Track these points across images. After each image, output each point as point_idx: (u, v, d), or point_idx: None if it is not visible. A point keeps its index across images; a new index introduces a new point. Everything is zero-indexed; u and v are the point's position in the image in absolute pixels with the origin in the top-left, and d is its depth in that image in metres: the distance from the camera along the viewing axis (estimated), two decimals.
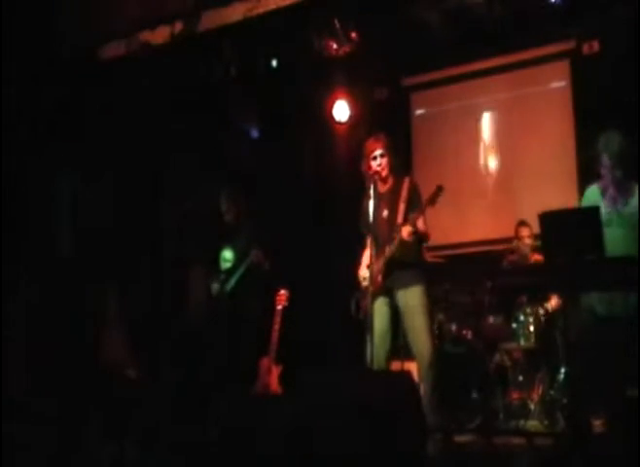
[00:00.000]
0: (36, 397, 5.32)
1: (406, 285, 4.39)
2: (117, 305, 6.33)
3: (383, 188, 4.58)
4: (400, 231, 4.27)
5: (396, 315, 4.45)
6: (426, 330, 4.35)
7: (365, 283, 4.49)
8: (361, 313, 4.50)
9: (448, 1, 6.10)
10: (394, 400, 3.32)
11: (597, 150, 4.12)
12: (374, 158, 4.50)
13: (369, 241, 4.46)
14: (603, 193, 4.17)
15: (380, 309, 4.41)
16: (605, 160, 4.08)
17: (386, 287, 4.42)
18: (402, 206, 4.40)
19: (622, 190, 4.10)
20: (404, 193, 4.44)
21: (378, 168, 4.48)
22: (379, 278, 4.38)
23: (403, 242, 4.28)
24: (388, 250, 4.37)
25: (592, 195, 4.23)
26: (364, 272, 4.55)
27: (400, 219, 4.38)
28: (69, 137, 6.09)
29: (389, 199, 4.52)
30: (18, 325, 5.65)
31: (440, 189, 4.24)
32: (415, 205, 4.40)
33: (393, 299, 4.44)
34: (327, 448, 3.25)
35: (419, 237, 4.39)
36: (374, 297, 4.35)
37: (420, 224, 4.35)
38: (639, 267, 3.46)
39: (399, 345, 4.56)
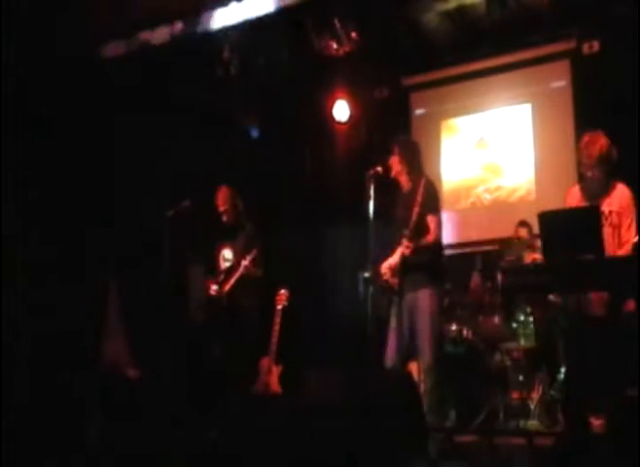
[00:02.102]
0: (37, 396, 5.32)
1: (415, 287, 4.43)
2: (117, 304, 6.33)
3: (404, 188, 4.68)
4: (402, 244, 4.34)
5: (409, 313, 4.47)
6: (430, 333, 4.39)
7: (385, 277, 4.53)
8: (376, 288, 4.50)
9: (448, 1, 6.10)
10: (394, 400, 3.32)
11: (579, 150, 4.14)
12: (390, 156, 4.63)
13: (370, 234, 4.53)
14: (584, 192, 4.19)
15: (396, 307, 4.46)
16: (584, 159, 4.10)
17: (401, 286, 4.46)
18: (415, 209, 4.46)
19: (602, 189, 4.11)
20: (419, 195, 4.49)
21: (389, 168, 4.59)
22: (393, 278, 4.42)
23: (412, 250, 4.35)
24: (395, 255, 4.43)
25: (573, 196, 4.25)
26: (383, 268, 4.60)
27: (412, 223, 4.44)
28: (61, 136, 6.09)
29: (406, 200, 4.59)
30: (18, 325, 5.65)
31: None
32: (430, 207, 4.49)
33: (404, 299, 4.47)
34: (327, 447, 3.26)
35: (429, 245, 4.45)
36: (391, 295, 4.41)
37: (433, 225, 4.45)
38: (639, 267, 3.46)
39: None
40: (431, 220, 4.48)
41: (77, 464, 4.27)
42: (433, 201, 4.53)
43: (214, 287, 5.60)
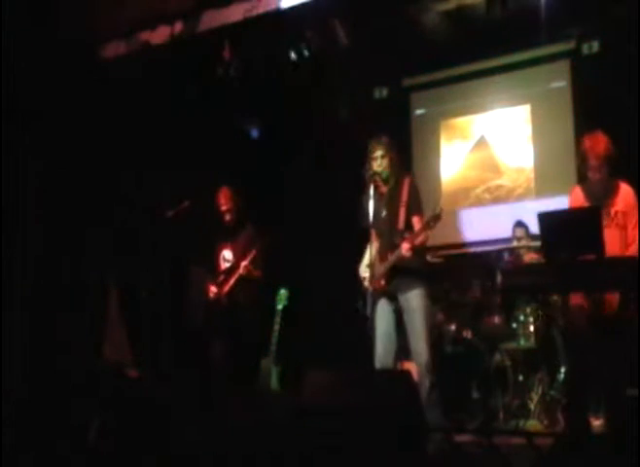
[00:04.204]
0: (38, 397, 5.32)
1: (406, 289, 4.41)
2: (117, 304, 6.34)
3: (384, 188, 4.60)
4: (399, 247, 4.30)
5: (399, 316, 4.46)
6: (424, 334, 4.37)
7: (366, 283, 4.51)
8: (367, 309, 4.51)
9: (448, 1, 6.10)
10: (394, 400, 3.32)
11: (582, 151, 4.12)
12: (375, 158, 4.53)
13: (372, 237, 4.49)
14: (587, 193, 4.17)
15: (384, 311, 4.44)
16: (590, 161, 4.08)
17: (389, 290, 4.45)
18: (402, 210, 4.43)
19: (606, 190, 4.10)
20: (404, 195, 4.46)
21: (379, 169, 4.50)
22: (382, 282, 4.40)
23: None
24: (390, 258, 4.40)
25: (577, 197, 4.23)
26: (364, 272, 4.57)
27: (401, 224, 4.42)
28: (60, 135, 6.09)
29: (389, 200, 4.54)
30: (18, 323, 5.65)
31: (438, 216, 4.20)
32: (415, 208, 4.46)
33: (396, 300, 4.46)
34: (327, 447, 3.25)
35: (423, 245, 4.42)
36: (377, 298, 4.38)
37: (417, 225, 4.40)
38: (639, 267, 3.46)
39: (399, 346, 4.56)
40: (417, 221, 4.43)
41: (77, 464, 4.26)
42: (418, 201, 4.49)
43: (213, 289, 5.59)
